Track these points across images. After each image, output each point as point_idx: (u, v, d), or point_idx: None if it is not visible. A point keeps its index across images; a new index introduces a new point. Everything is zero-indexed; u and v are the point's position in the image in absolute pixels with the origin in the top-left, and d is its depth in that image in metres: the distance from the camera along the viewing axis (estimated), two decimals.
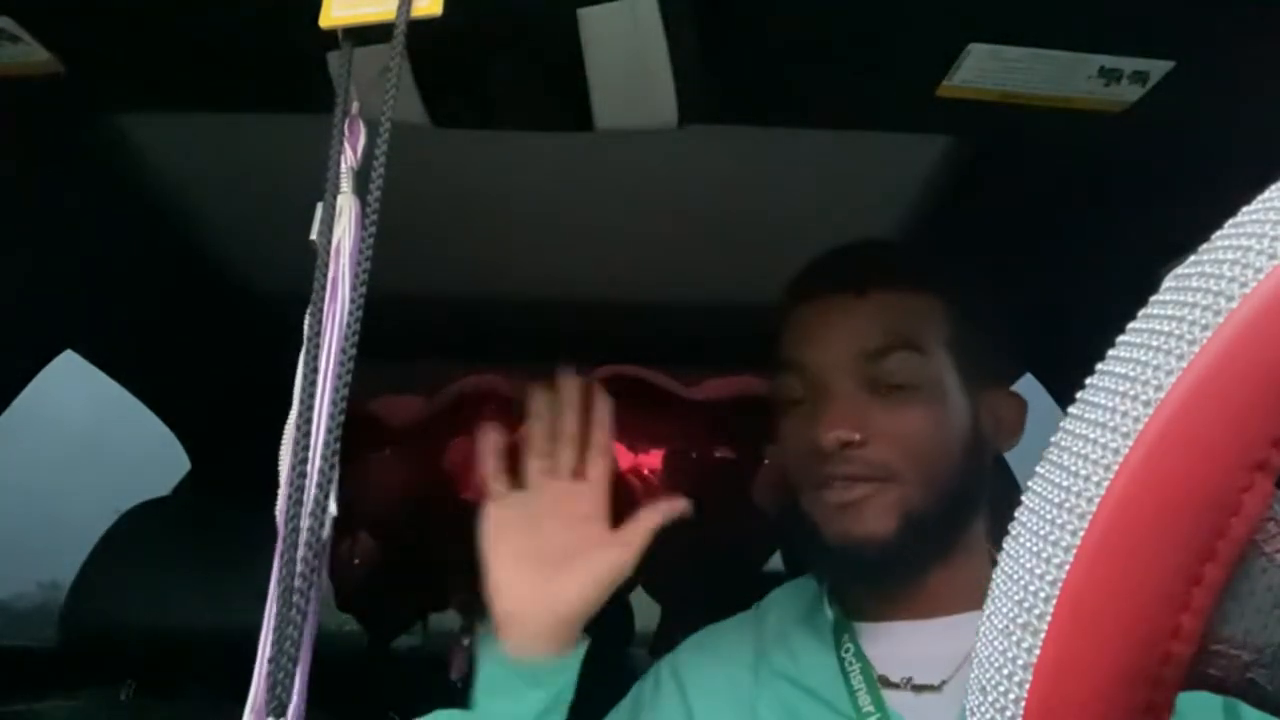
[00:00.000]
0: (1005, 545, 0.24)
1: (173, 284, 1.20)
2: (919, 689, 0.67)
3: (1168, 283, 0.22)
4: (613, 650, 1.93)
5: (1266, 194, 0.22)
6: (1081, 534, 0.21)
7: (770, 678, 0.72)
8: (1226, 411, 0.20)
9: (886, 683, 0.68)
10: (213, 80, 0.74)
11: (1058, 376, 1.15)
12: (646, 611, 1.92)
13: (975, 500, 0.72)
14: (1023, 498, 0.24)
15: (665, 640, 1.64)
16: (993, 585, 0.24)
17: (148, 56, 0.70)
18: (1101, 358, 0.24)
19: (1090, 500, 0.21)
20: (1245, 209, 0.22)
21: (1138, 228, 0.89)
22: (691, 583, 1.53)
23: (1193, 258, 0.22)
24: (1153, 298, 0.23)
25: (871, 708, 0.67)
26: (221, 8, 0.63)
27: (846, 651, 0.71)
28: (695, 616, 0.83)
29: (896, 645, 0.70)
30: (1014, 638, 0.22)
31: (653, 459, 1.50)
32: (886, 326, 0.70)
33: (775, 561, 1.55)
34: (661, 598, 1.74)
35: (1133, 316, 0.23)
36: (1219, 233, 0.22)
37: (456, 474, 1.50)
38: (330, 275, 0.40)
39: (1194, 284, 0.21)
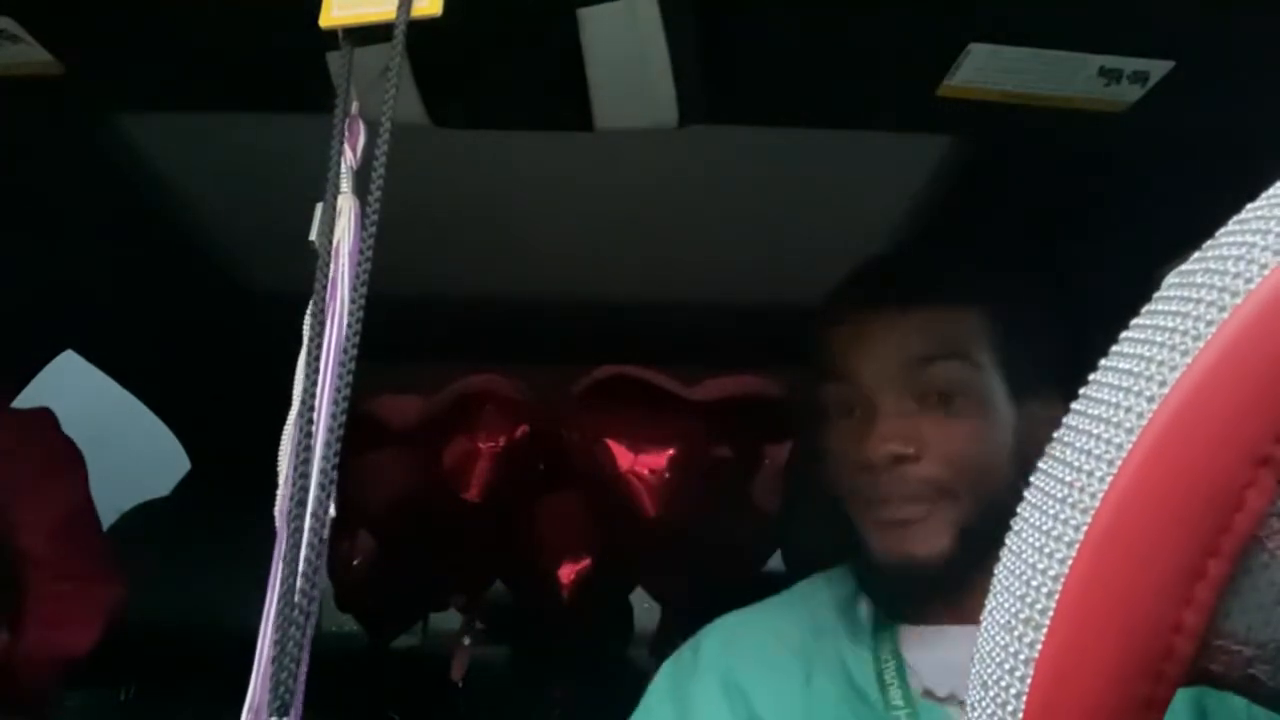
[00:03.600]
0: (1008, 541, 0.24)
1: (172, 284, 1.20)
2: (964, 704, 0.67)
3: (1171, 279, 0.23)
4: (613, 650, 1.93)
5: (1273, 190, 0.22)
6: (1084, 529, 0.21)
7: (820, 663, 0.72)
8: (1230, 407, 0.20)
9: (932, 696, 0.68)
10: (213, 80, 0.73)
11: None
12: (646, 612, 1.93)
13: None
14: (1026, 493, 0.24)
15: (665, 640, 1.64)
16: (995, 580, 0.24)
17: (148, 56, 0.70)
18: (1102, 358, 0.24)
19: (1093, 495, 0.21)
20: (1250, 205, 0.22)
21: (1138, 227, 0.89)
22: (691, 583, 1.53)
23: (1197, 254, 0.22)
24: (1157, 294, 0.23)
25: (901, 703, 0.67)
26: (221, 8, 0.63)
27: (885, 651, 0.71)
28: (695, 616, 0.83)
29: (935, 650, 0.70)
30: (1016, 632, 0.22)
31: (653, 459, 1.50)
32: (932, 337, 0.70)
33: (775, 561, 1.55)
34: (661, 598, 1.74)
35: (1133, 316, 0.23)
36: (1223, 229, 0.22)
37: (456, 474, 1.50)
38: (330, 275, 0.40)
39: (1199, 280, 0.21)
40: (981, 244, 1.03)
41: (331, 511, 0.36)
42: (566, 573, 1.71)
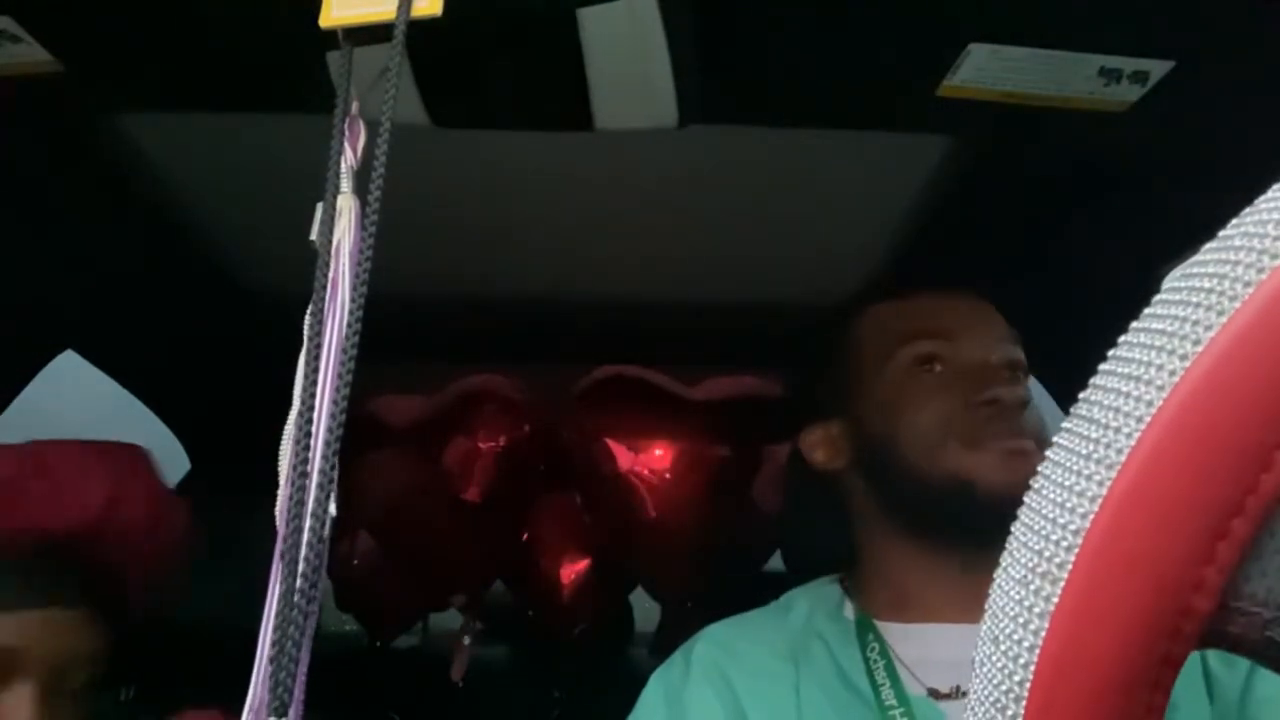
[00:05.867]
0: (1027, 499, 0.24)
1: (172, 283, 1.20)
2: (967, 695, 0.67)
3: (1210, 245, 0.22)
4: (613, 650, 1.93)
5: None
6: (1109, 484, 0.21)
7: (808, 666, 0.72)
8: (1263, 368, 0.19)
9: (937, 694, 0.68)
10: (213, 80, 0.74)
11: (1058, 376, 1.15)
12: (646, 611, 1.93)
13: None
14: (1048, 452, 0.24)
15: (665, 640, 1.64)
16: (1011, 538, 0.24)
17: (148, 56, 0.70)
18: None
19: (1120, 451, 0.21)
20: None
21: (1138, 228, 0.89)
22: (691, 583, 1.53)
23: (1234, 220, 0.22)
24: (1194, 258, 0.23)
25: (895, 702, 0.67)
26: (221, 8, 0.63)
27: (872, 650, 0.71)
28: (695, 616, 0.83)
29: (929, 648, 0.70)
30: (1032, 586, 0.22)
31: (653, 459, 1.50)
32: (1002, 320, 0.79)
33: (775, 561, 1.55)
34: (661, 598, 1.74)
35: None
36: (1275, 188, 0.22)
37: (456, 474, 1.50)
38: (330, 275, 0.40)
39: (1237, 243, 0.21)
40: (982, 243, 1.03)
41: (332, 511, 0.36)
42: (566, 573, 1.71)
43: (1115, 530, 0.21)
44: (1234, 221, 0.22)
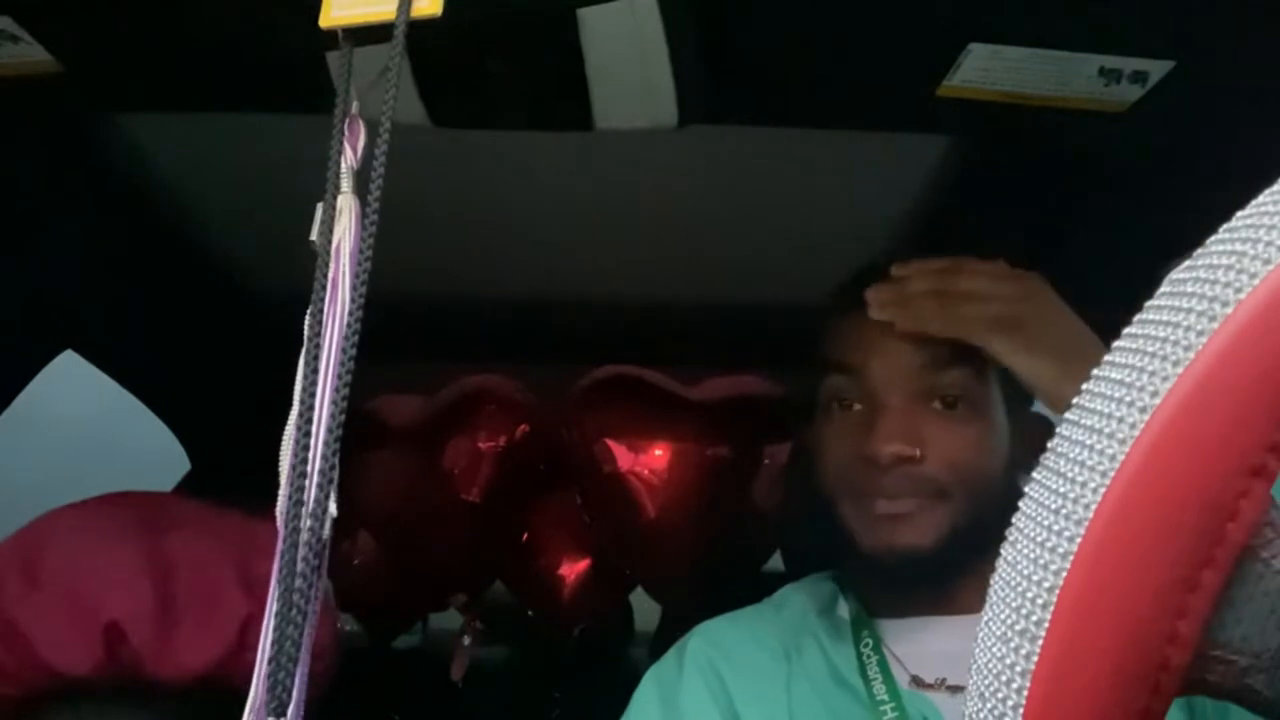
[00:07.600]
0: (1003, 552, 0.24)
1: (173, 284, 1.20)
2: (954, 689, 0.68)
3: (1163, 288, 0.22)
4: (613, 650, 1.93)
5: (1261, 198, 0.22)
6: (1079, 540, 0.21)
7: (800, 663, 0.72)
8: (1223, 417, 0.20)
9: (921, 683, 0.69)
10: (213, 80, 0.74)
11: None
12: (646, 612, 1.92)
13: (1010, 511, 0.71)
14: (1020, 504, 0.24)
15: (665, 640, 1.64)
16: (990, 591, 0.24)
17: (148, 56, 0.70)
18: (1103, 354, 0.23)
19: (1087, 507, 0.21)
20: (1239, 214, 0.22)
21: (1137, 228, 0.89)
22: (691, 583, 1.53)
23: (1187, 262, 0.22)
24: (1148, 303, 0.23)
25: (886, 697, 0.67)
26: (221, 8, 0.63)
27: (865, 645, 0.71)
28: (695, 616, 0.83)
29: (921, 642, 0.71)
30: (1011, 644, 0.22)
31: (653, 459, 1.50)
32: (945, 342, 0.69)
33: (775, 561, 1.55)
34: (661, 598, 1.74)
35: (1132, 317, 0.23)
36: (1213, 237, 0.22)
37: (456, 474, 1.50)
38: (330, 275, 0.40)
39: (1189, 289, 0.21)
40: (980, 245, 1.03)
41: (332, 511, 0.36)
42: (566, 573, 1.71)
43: (1087, 587, 0.21)
44: (1187, 264, 0.22)
